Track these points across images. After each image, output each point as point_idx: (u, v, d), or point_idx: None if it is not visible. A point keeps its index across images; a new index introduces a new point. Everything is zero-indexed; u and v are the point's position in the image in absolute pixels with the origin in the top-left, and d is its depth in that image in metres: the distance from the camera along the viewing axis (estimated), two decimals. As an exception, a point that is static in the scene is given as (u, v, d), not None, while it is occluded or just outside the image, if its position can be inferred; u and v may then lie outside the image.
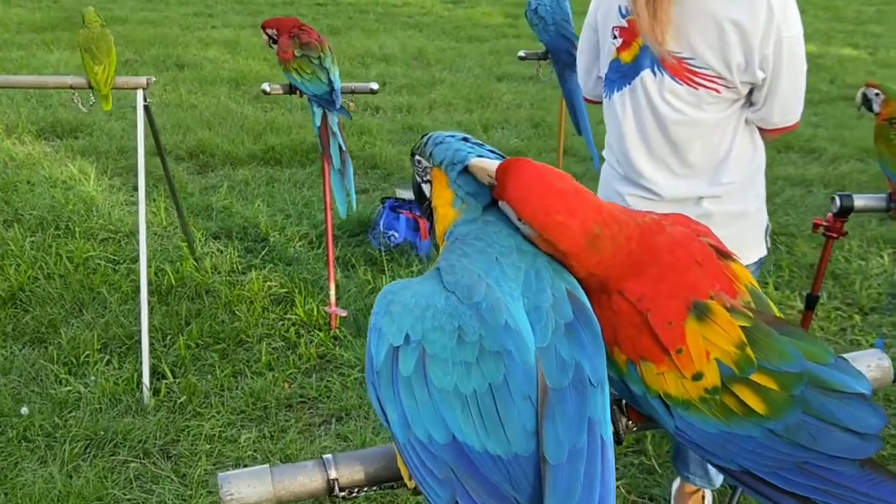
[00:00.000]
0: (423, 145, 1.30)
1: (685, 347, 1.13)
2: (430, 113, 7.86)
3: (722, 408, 1.12)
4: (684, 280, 1.17)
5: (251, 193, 5.65)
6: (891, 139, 2.58)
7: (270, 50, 3.97)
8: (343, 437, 3.22)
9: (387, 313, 1.16)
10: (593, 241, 1.14)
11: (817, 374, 1.11)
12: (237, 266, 4.54)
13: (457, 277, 1.16)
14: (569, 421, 1.05)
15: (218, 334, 3.84)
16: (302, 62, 3.67)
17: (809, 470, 1.11)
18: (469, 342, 1.08)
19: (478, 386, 1.06)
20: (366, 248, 4.82)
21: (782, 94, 2.28)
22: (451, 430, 1.06)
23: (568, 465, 1.03)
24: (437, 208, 1.28)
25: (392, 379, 1.11)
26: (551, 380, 1.07)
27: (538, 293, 1.14)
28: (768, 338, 1.13)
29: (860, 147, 6.85)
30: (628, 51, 2.34)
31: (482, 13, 14.65)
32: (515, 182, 1.16)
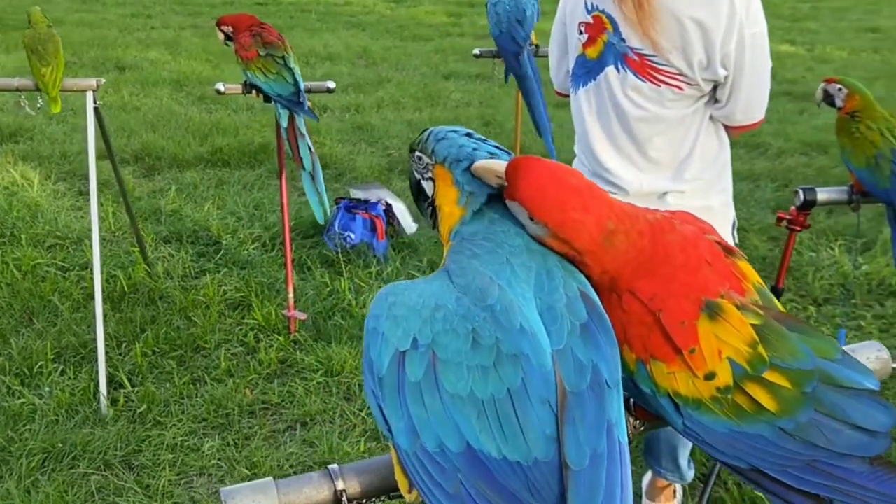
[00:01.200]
0: (423, 141, 1.25)
1: (698, 347, 1.12)
2: (379, 112, 7.81)
3: (734, 407, 1.11)
4: (695, 279, 1.16)
5: (200, 196, 5.54)
6: (852, 132, 2.61)
7: (227, 48, 3.86)
8: (309, 442, 3.17)
9: (390, 316, 1.11)
10: (609, 237, 1.13)
11: (828, 371, 1.10)
12: (190, 271, 4.45)
13: (468, 280, 1.12)
14: (589, 425, 1.02)
15: (174, 341, 3.75)
16: (267, 61, 3.56)
17: (819, 468, 1.10)
18: (485, 345, 1.04)
19: (495, 391, 1.02)
20: (321, 249, 4.75)
21: (746, 91, 2.29)
22: (466, 437, 1.02)
23: (590, 470, 1.01)
24: (441, 206, 1.23)
25: (398, 386, 1.06)
26: (569, 383, 1.04)
27: (551, 293, 1.11)
28: (779, 335, 1.12)
29: (803, 142, 6.98)
30: (594, 47, 2.34)
31: (425, 12, 14.63)
32: (527, 181, 1.13)
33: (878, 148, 2.54)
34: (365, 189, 5.24)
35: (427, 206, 1.28)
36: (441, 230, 1.24)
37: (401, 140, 6.95)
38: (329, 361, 3.60)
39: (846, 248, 4.91)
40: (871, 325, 4.09)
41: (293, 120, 3.60)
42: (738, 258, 1.22)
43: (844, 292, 4.46)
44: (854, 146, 2.60)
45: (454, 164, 1.21)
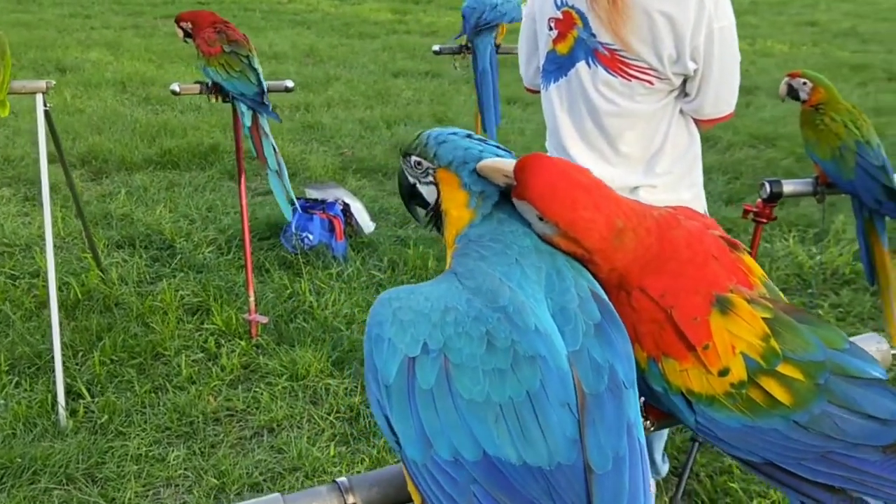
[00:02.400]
0: (422, 145, 1.22)
1: (711, 343, 1.11)
2: (330, 110, 7.73)
3: (747, 402, 1.11)
4: (703, 274, 1.15)
5: (151, 199, 5.43)
6: (817, 125, 2.64)
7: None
8: (278, 449, 3.11)
9: (396, 321, 1.07)
10: (618, 235, 1.12)
11: (838, 361, 1.10)
12: (145, 276, 4.35)
13: (477, 281, 1.09)
14: (609, 427, 1.00)
15: (133, 348, 3.66)
16: (230, 58, 3.47)
17: (833, 459, 1.10)
18: (500, 348, 1.01)
19: (514, 394, 1.00)
20: (278, 251, 4.68)
21: (715, 84, 2.30)
22: (483, 444, 0.99)
23: (613, 473, 0.99)
24: (448, 211, 1.20)
25: (407, 394, 1.03)
26: (588, 385, 1.02)
27: (562, 294, 1.09)
28: (790, 328, 1.11)
29: (751, 135, 7.09)
30: (564, 42, 2.33)
31: (370, 10, 14.56)
32: (537, 180, 1.11)
33: (843, 140, 2.57)
34: (321, 189, 5.18)
35: (429, 211, 1.25)
36: (446, 234, 1.21)
37: (353, 139, 6.89)
38: (293, 365, 3.54)
39: (799, 239, 4.98)
40: (829, 314, 4.15)
41: (256, 120, 3.53)
42: (742, 252, 1.22)
43: (801, 282, 4.52)
44: (819, 138, 2.63)
45: (461, 166, 1.18)
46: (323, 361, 3.58)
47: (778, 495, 2.80)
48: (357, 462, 3.03)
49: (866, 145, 2.55)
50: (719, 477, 2.92)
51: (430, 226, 1.27)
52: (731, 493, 2.83)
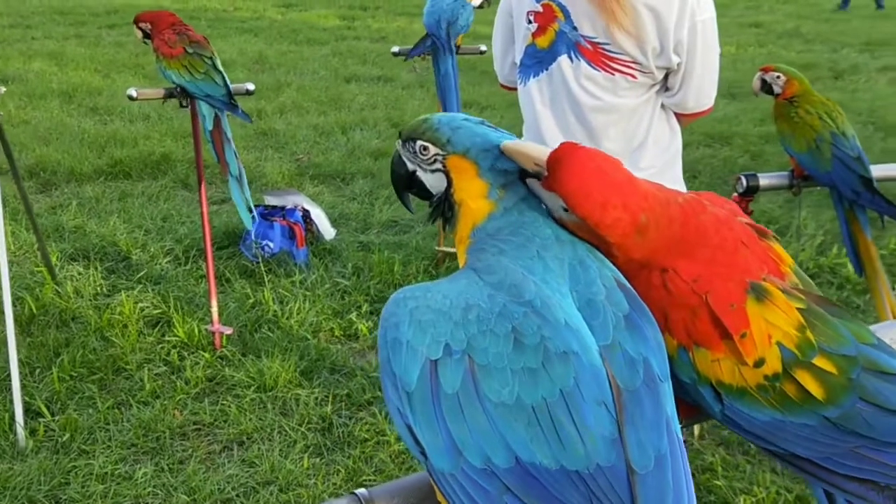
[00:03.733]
0: (432, 129, 1.14)
1: (749, 331, 1.06)
2: (283, 117, 7.62)
3: (780, 396, 1.07)
4: (735, 261, 1.11)
5: (104, 210, 5.28)
6: (792, 117, 2.63)
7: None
8: (249, 462, 3.01)
9: (413, 322, 1.00)
10: (640, 230, 1.08)
11: (869, 356, 1.07)
12: (102, 289, 4.21)
13: (499, 276, 1.02)
14: (649, 424, 0.95)
15: (93, 364, 3.52)
16: (194, 60, 3.36)
17: (861, 454, 1.07)
18: (529, 345, 0.95)
19: (547, 394, 0.93)
20: (238, 260, 4.57)
21: (697, 77, 2.28)
22: (515, 450, 0.93)
23: (656, 472, 0.94)
24: (463, 202, 1.13)
25: (432, 400, 0.96)
26: (623, 380, 0.97)
27: (588, 285, 1.04)
28: (823, 320, 1.08)
29: (706, 134, 7.13)
30: (544, 36, 2.28)
31: (317, 16, 14.45)
32: (572, 177, 1.06)
33: (818, 132, 2.57)
34: (280, 195, 5.07)
35: (436, 201, 1.18)
36: (459, 227, 1.14)
37: (308, 144, 6.79)
38: (261, 376, 3.44)
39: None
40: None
41: (219, 124, 3.42)
42: (772, 240, 1.18)
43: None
44: (794, 131, 2.62)
45: (481, 154, 1.11)
46: (291, 371, 3.48)
47: (763, 492, 2.78)
48: (333, 473, 2.94)
49: (842, 136, 2.55)
50: (702, 475, 2.89)
51: (434, 217, 1.19)
52: (716, 491, 2.81)
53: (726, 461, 2.96)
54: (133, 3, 15.52)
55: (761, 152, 6.66)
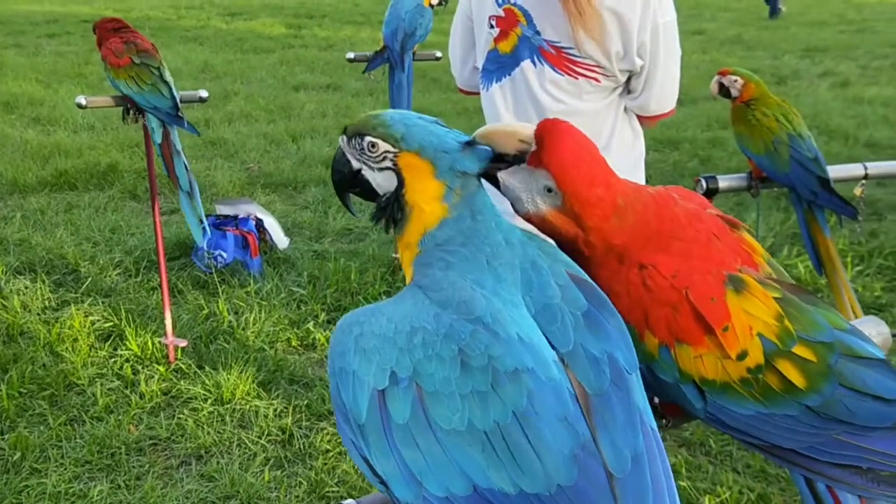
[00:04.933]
0: (384, 125, 1.08)
1: (731, 324, 1.06)
2: (231, 125, 7.53)
3: (763, 388, 1.08)
4: (710, 253, 1.12)
5: (49, 222, 5.16)
6: (748, 119, 2.65)
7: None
8: (208, 477, 2.94)
9: (359, 350, 0.96)
10: (618, 213, 1.07)
11: (845, 342, 1.09)
12: (50, 302, 4.10)
13: (446, 293, 0.98)
14: (622, 425, 0.94)
15: (43, 379, 3.42)
16: (141, 70, 3.28)
17: (842, 440, 1.09)
18: (477, 367, 0.92)
19: (499, 417, 0.90)
20: (191, 270, 4.49)
21: (660, 80, 2.28)
22: (472, 477, 0.90)
23: (634, 473, 0.92)
24: (414, 204, 1.06)
25: (384, 431, 0.93)
26: (590, 385, 0.95)
27: (543, 289, 1.01)
28: (799, 308, 1.09)
29: (654, 139, 7.20)
30: (506, 41, 2.27)
31: (263, 25, 14.35)
32: (563, 148, 1.05)
33: (776, 133, 2.59)
34: (232, 204, 5.00)
35: (385, 201, 1.10)
36: (408, 231, 1.08)
37: (258, 153, 6.71)
38: (218, 389, 3.38)
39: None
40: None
41: (167, 136, 3.34)
42: (743, 231, 1.18)
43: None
44: (752, 133, 2.64)
45: (438, 154, 1.05)
46: (249, 383, 3.42)
47: (726, 492, 2.79)
48: (295, 486, 2.89)
49: (798, 138, 2.58)
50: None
51: (380, 219, 1.12)
52: (679, 492, 2.81)
53: (689, 462, 2.98)
54: (73, 13, 15.29)
55: (710, 157, 6.75)
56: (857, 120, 7.89)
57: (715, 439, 3.10)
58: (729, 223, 1.18)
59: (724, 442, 3.09)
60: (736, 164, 6.20)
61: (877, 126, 7.69)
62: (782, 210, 5.36)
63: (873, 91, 9.28)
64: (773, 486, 2.84)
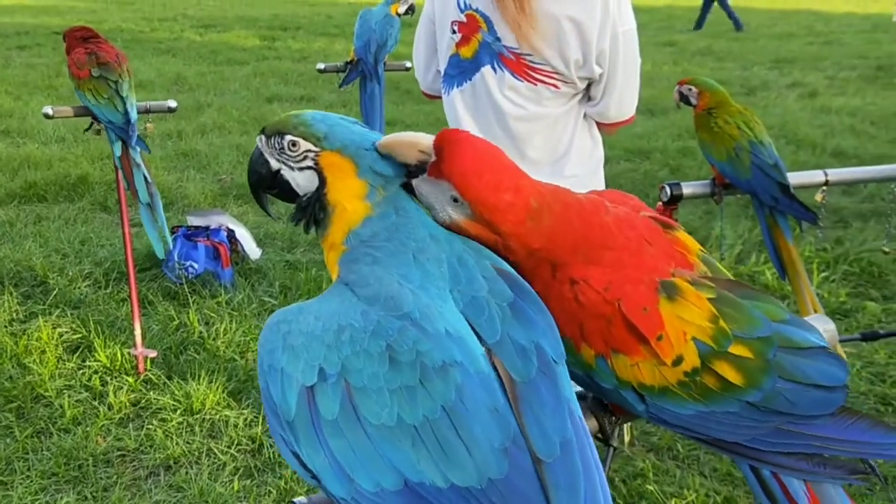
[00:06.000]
0: (303, 124, 1.08)
1: (664, 332, 1.07)
2: (204, 137, 7.51)
3: (701, 388, 1.09)
4: (642, 261, 1.12)
5: (18, 234, 5.12)
6: (711, 127, 2.69)
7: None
8: (177, 487, 2.93)
9: (287, 347, 0.96)
10: (533, 216, 1.06)
11: (784, 334, 1.10)
12: (17, 314, 4.07)
13: (374, 289, 0.98)
14: (550, 411, 0.95)
15: (9, 392, 3.40)
16: (98, 84, 3.27)
17: (786, 429, 1.10)
18: (405, 362, 0.92)
19: (428, 412, 0.91)
20: (161, 282, 4.47)
21: (619, 88, 2.32)
22: (403, 472, 0.91)
23: (563, 458, 0.93)
24: (337, 203, 1.06)
25: (313, 426, 0.93)
26: (517, 373, 0.96)
27: (469, 283, 1.02)
28: (734, 306, 1.10)
29: (626, 149, 7.27)
30: (468, 46, 2.29)
31: (237, 37, 14.33)
32: (462, 157, 1.03)
33: (737, 140, 2.63)
34: (204, 216, 4.98)
35: (305, 202, 1.10)
36: (332, 231, 1.08)
37: (231, 165, 6.70)
38: (187, 399, 3.36)
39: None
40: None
41: (127, 150, 3.34)
42: (677, 230, 1.19)
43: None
44: (714, 140, 2.67)
45: (360, 153, 1.06)
46: (218, 393, 3.41)
47: (693, 495, 2.82)
48: (264, 495, 2.88)
49: (759, 145, 2.61)
50: (633, 481, 2.92)
51: (300, 219, 1.11)
52: (647, 496, 2.84)
53: (657, 466, 3.00)
54: (44, 24, 15.20)
55: (680, 166, 6.81)
56: (825, 129, 7.99)
57: (682, 444, 3.13)
58: (663, 224, 1.19)
59: (691, 447, 3.11)
60: (706, 173, 6.20)
61: (843, 135, 7.80)
62: (750, 218, 5.41)
63: (840, 101, 9.41)
64: (739, 489, 2.87)
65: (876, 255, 4.78)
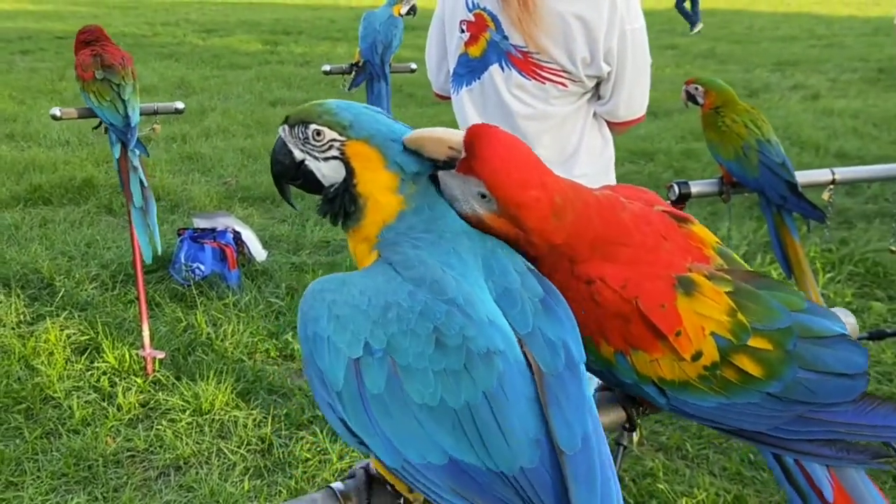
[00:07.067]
0: (327, 113, 1.05)
1: (683, 328, 1.08)
2: (208, 140, 7.52)
3: (721, 382, 1.09)
4: (658, 257, 1.12)
5: (24, 237, 5.13)
6: (718, 126, 2.69)
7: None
8: (187, 487, 2.93)
9: (332, 317, 0.96)
10: (557, 212, 1.06)
11: (803, 323, 1.10)
12: (25, 316, 4.08)
13: (419, 272, 0.98)
14: (574, 406, 0.95)
15: (18, 393, 3.41)
16: (102, 86, 3.29)
17: (807, 417, 1.11)
18: (451, 346, 0.93)
19: (470, 397, 0.92)
20: (168, 283, 4.48)
21: (628, 86, 2.32)
22: (447, 449, 0.93)
23: (584, 452, 0.94)
24: (369, 195, 1.04)
25: (360, 399, 0.94)
26: (546, 365, 0.96)
27: (503, 275, 1.02)
28: (753, 298, 1.10)
29: (630, 151, 7.28)
30: (476, 45, 2.30)
31: (239, 41, 14.36)
32: (492, 153, 1.03)
33: (745, 139, 2.63)
34: (209, 218, 4.99)
35: (333, 193, 1.07)
36: (365, 224, 1.05)
37: (235, 168, 6.71)
38: (196, 400, 3.37)
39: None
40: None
41: (125, 153, 3.35)
42: (692, 224, 1.19)
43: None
44: (722, 140, 2.68)
45: (388, 144, 1.04)
46: (227, 393, 3.42)
47: (703, 494, 2.82)
48: (275, 495, 2.89)
49: (767, 143, 2.62)
50: (643, 480, 2.92)
51: (329, 211, 1.08)
52: (657, 495, 2.84)
53: (666, 466, 3.00)
54: (46, 29, 15.24)
55: (684, 168, 6.82)
56: (827, 131, 8.00)
57: (692, 443, 3.13)
58: (677, 218, 1.19)
59: (700, 446, 3.12)
60: (710, 174, 6.24)
61: (846, 137, 7.81)
62: (755, 219, 5.43)
63: (842, 103, 9.42)
64: (748, 488, 2.88)
65: (881, 255, 4.79)
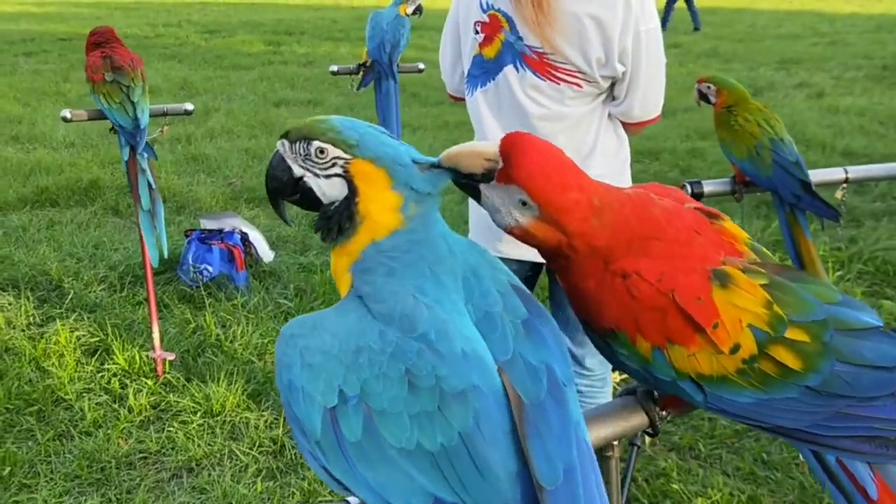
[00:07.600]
0: (332, 130, 1.03)
1: (720, 321, 1.08)
2: (213, 141, 7.53)
3: (760, 375, 1.09)
4: (692, 251, 1.12)
5: (31, 239, 5.13)
6: (731, 125, 2.69)
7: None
8: (200, 489, 2.93)
9: (305, 365, 0.95)
10: (597, 214, 1.07)
11: (838, 316, 1.10)
12: (35, 318, 4.07)
13: (388, 305, 0.97)
14: (556, 436, 0.93)
15: (29, 395, 3.40)
16: (111, 88, 3.30)
17: (846, 412, 1.10)
18: (424, 388, 0.92)
19: (445, 439, 0.91)
20: (176, 285, 4.48)
21: (643, 86, 2.31)
22: (430, 489, 0.92)
23: (565, 486, 0.91)
24: (367, 214, 1.02)
25: (340, 448, 0.93)
26: (526, 394, 0.95)
27: (484, 297, 1.01)
28: (787, 290, 1.10)
29: (635, 150, 7.20)
30: (490, 46, 2.30)
31: (242, 41, 14.36)
32: (530, 160, 1.04)
33: (758, 138, 2.63)
34: (217, 219, 4.99)
35: (333, 210, 1.05)
36: (352, 241, 1.04)
37: (240, 168, 6.71)
38: (207, 401, 3.37)
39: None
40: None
41: (134, 155, 3.35)
42: (723, 220, 1.20)
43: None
44: (734, 139, 2.68)
45: (395, 167, 1.02)
46: (238, 395, 3.42)
47: (717, 494, 2.81)
48: (288, 496, 2.89)
49: (780, 142, 2.61)
50: (656, 480, 2.92)
51: (324, 228, 1.06)
52: (671, 496, 2.83)
53: (679, 466, 3.00)
54: (50, 31, 15.25)
55: (690, 167, 6.81)
56: (833, 129, 7.99)
57: (704, 443, 3.13)
58: (708, 214, 1.19)
59: (713, 445, 3.12)
60: (716, 173, 6.25)
61: (852, 135, 7.80)
62: (763, 218, 5.42)
63: (848, 101, 9.41)
64: (763, 488, 2.87)
65: (890, 253, 4.78)
